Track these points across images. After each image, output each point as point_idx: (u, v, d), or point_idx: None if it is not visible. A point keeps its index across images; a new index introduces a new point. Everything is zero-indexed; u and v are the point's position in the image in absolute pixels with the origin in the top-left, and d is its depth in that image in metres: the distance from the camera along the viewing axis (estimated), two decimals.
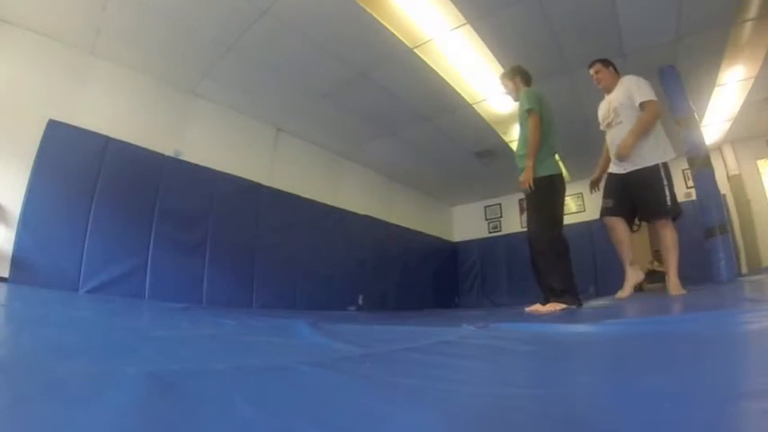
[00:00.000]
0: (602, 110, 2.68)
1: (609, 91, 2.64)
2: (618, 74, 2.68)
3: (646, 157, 2.42)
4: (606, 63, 2.69)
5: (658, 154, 2.43)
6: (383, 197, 6.39)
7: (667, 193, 2.39)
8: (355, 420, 0.36)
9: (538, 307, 2.18)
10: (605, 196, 2.60)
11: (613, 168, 2.59)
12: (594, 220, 3.65)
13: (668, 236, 2.43)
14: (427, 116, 4.66)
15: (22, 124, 2.94)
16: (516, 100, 2.62)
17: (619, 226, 2.56)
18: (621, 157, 2.44)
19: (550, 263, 2.23)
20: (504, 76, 2.71)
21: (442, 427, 0.34)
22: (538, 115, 2.36)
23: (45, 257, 2.83)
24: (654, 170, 2.41)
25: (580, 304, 2.19)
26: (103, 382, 0.47)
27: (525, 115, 2.42)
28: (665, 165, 2.43)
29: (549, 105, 2.55)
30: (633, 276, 2.54)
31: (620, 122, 2.50)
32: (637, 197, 2.48)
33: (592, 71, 2.71)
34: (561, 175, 2.43)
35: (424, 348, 0.86)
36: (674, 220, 2.44)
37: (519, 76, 2.63)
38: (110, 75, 3.53)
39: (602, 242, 2.63)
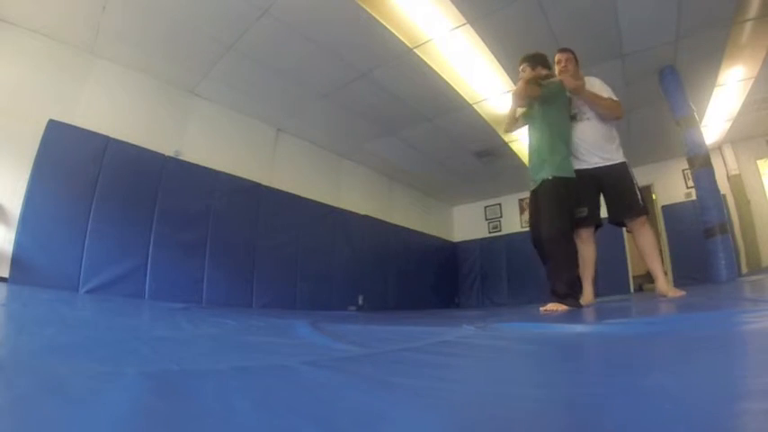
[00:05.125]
0: None
1: None
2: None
3: (616, 153, 2.42)
4: (576, 57, 2.61)
5: (621, 154, 2.43)
6: (383, 197, 6.39)
7: (638, 191, 2.38)
8: (355, 420, 0.36)
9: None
10: (578, 204, 2.43)
11: (578, 164, 2.44)
12: None
13: (650, 235, 2.38)
14: (427, 116, 4.66)
15: (22, 124, 2.95)
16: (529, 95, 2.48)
17: (592, 239, 2.50)
18: (575, 90, 2.39)
19: (559, 264, 2.23)
20: (527, 62, 2.53)
21: (441, 427, 0.34)
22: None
23: (45, 257, 2.83)
24: (624, 167, 2.41)
25: (581, 306, 2.19)
26: (103, 382, 0.47)
27: (541, 110, 2.38)
28: (630, 165, 2.44)
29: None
30: (589, 296, 2.47)
31: (588, 119, 2.45)
32: (613, 192, 2.41)
33: (563, 57, 2.54)
34: (575, 180, 2.37)
35: (424, 348, 0.86)
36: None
37: (540, 65, 2.51)
38: (110, 74, 3.53)
39: (602, 242, 2.61)
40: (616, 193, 2.42)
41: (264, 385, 0.51)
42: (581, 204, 2.43)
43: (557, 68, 2.58)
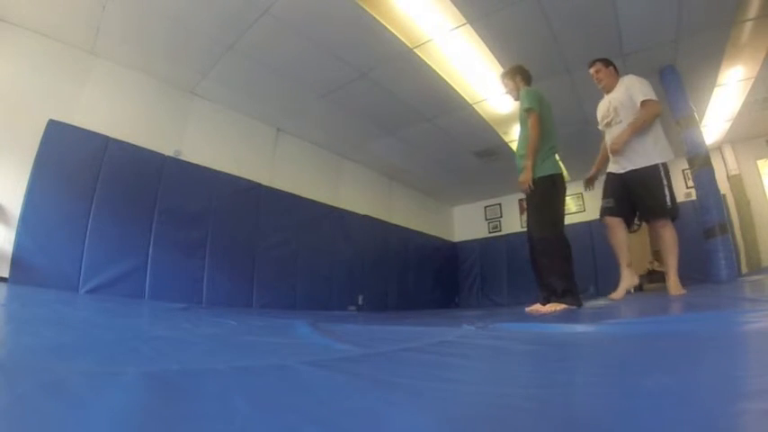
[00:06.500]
0: (602, 109, 2.68)
1: (609, 90, 2.65)
2: (618, 74, 2.68)
3: (645, 157, 2.43)
4: (606, 63, 2.69)
5: (657, 154, 2.42)
6: (383, 197, 6.39)
7: (667, 193, 2.39)
8: (355, 420, 0.36)
9: (538, 307, 2.18)
10: (605, 196, 2.59)
11: (612, 168, 2.59)
12: (594, 220, 3.65)
13: (668, 236, 2.44)
14: (427, 116, 4.66)
15: (22, 124, 2.95)
16: (517, 99, 2.61)
17: (619, 226, 2.56)
18: (614, 152, 2.47)
19: (552, 263, 2.23)
20: (505, 76, 2.69)
21: (441, 427, 0.34)
22: (537, 114, 2.36)
23: (45, 257, 2.83)
24: (653, 170, 2.40)
25: (581, 305, 2.19)
26: (103, 382, 0.47)
27: (525, 115, 2.43)
28: (665, 165, 2.42)
29: (550, 105, 2.55)
30: (628, 279, 2.54)
31: (620, 122, 2.50)
32: (636, 197, 2.48)
33: (592, 70, 2.71)
34: (562, 174, 2.43)
35: (424, 348, 0.86)
36: (672, 220, 2.44)
37: (519, 75, 2.62)
38: (110, 75, 3.53)
39: (602, 242, 2.63)
40: (639, 196, 2.47)
41: (264, 385, 0.51)
42: (606, 196, 2.54)
43: (595, 80, 2.71)
